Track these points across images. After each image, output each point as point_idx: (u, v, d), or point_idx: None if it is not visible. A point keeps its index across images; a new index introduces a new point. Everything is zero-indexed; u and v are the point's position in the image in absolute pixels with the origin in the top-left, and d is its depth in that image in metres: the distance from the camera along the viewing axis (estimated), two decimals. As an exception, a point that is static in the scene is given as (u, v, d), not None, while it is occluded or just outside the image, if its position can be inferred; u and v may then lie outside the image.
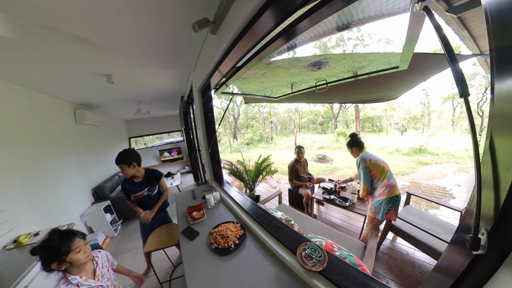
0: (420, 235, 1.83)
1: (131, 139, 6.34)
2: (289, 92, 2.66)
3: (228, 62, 1.33)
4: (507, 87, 0.39)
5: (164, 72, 2.45)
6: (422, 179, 5.91)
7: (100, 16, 1.14)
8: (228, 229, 1.35)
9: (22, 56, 1.51)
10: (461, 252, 0.52)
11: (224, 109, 9.80)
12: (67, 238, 0.95)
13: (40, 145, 2.37)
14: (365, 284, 0.79)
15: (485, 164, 0.45)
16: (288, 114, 25.10)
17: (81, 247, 1.00)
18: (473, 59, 7.36)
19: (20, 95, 2.12)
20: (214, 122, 2.45)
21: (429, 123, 20.59)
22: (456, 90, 2.30)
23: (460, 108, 19.15)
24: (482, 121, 13.90)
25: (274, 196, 3.00)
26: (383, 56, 1.72)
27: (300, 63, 1.91)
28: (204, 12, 1.18)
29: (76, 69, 1.92)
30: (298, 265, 0.92)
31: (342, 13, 1.00)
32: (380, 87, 2.33)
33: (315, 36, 1.30)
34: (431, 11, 0.61)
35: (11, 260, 1.44)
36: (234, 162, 3.98)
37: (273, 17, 0.80)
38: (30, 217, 2.01)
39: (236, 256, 1.16)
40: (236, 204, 1.72)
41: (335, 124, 21.66)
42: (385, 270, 1.94)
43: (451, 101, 19.36)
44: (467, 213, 0.53)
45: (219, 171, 2.55)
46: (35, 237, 1.69)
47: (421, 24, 0.95)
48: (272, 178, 5.84)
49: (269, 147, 17.12)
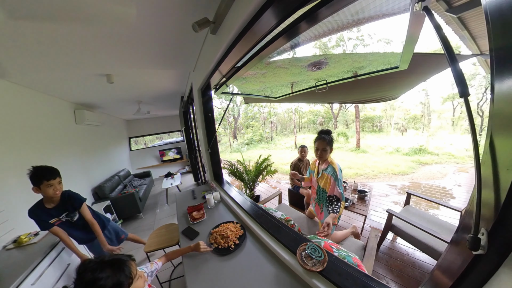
0: (420, 235, 1.83)
1: (131, 139, 6.34)
2: (289, 92, 2.66)
3: (228, 62, 1.33)
4: (507, 87, 0.39)
5: (164, 72, 2.45)
6: (422, 179, 5.91)
7: (100, 15, 1.14)
8: (228, 229, 1.35)
9: (22, 56, 1.51)
10: (461, 252, 0.52)
11: (224, 109, 9.80)
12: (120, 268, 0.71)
13: (40, 145, 2.37)
14: (365, 284, 0.79)
15: (485, 164, 0.45)
16: (288, 114, 25.10)
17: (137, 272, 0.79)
18: (473, 59, 7.36)
19: (20, 95, 2.12)
20: (214, 122, 2.45)
21: (429, 123, 20.59)
22: (456, 90, 2.30)
23: (460, 108, 19.15)
24: (482, 121, 13.90)
25: (274, 196, 3.00)
26: (383, 56, 1.72)
27: (300, 63, 1.91)
28: (204, 12, 1.18)
29: (76, 69, 1.92)
30: (298, 265, 0.92)
31: (342, 13, 1.00)
32: (380, 87, 2.33)
33: (315, 36, 1.30)
34: (431, 11, 0.61)
35: (11, 260, 1.44)
36: (234, 162, 3.98)
37: (273, 17, 0.80)
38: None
39: (236, 256, 1.16)
40: (236, 204, 1.72)
41: (335, 124, 21.66)
42: (385, 270, 1.94)
43: (451, 101, 19.36)
44: (467, 213, 0.53)
45: (219, 171, 2.55)
46: (35, 237, 1.69)
47: (421, 24, 0.95)
48: (272, 178, 5.84)
49: (269, 147, 17.11)
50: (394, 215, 2.00)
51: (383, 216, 2.85)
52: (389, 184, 5.05)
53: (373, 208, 3.36)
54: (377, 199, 3.82)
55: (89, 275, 0.64)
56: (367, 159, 9.47)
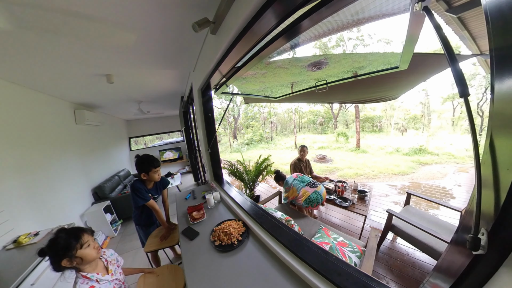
0: (420, 235, 1.83)
1: (131, 139, 6.34)
2: (289, 92, 2.66)
3: (228, 62, 1.33)
4: (507, 87, 0.39)
5: (164, 72, 2.45)
6: (422, 179, 5.90)
7: (100, 16, 1.14)
8: (231, 226, 1.37)
9: (22, 56, 1.51)
10: (461, 252, 0.52)
11: (224, 109, 9.80)
12: (75, 234, 0.95)
13: (40, 145, 2.37)
14: (365, 284, 0.79)
15: (485, 164, 0.45)
16: (288, 114, 25.10)
17: (90, 242, 0.99)
18: (473, 59, 7.36)
19: (20, 95, 2.12)
20: (214, 122, 2.45)
21: (429, 123, 20.58)
22: (456, 90, 2.30)
23: (460, 108, 19.14)
24: (482, 121, 13.90)
25: (274, 196, 3.00)
26: (383, 56, 1.72)
27: (300, 63, 1.91)
28: (204, 12, 1.18)
29: (76, 69, 1.92)
30: (299, 265, 0.92)
31: (342, 13, 1.00)
32: (380, 87, 2.33)
33: (315, 36, 1.30)
34: (431, 11, 0.61)
35: (11, 260, 1.44)
36: (234, 162, 3.98)
37: (273, 17, 0.80)
38: (30, 217, 2.01)
39: (237, 254, 1.16)
40: (236, 204, 1.72)
41: (335, 124, 21.66)
42: (385, 270, 1.94)
43: (451, 101, 19.35)
44: (467, 213, 0.53)
45: (219, 171, 2.55)
46: (35, 237, 1.69)
47: (421, 24, 0.95)
48: (272, 178, 5.83)
49: (269, 147, 17.11)
50: (394, 215, 2.00)
51: (383, 216, 2.85)
52: (389, 184, 5.05)
53: (373, 208, 3.36)
54: (377, 199, 3.82)
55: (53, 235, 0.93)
56: (367, 159, 9.46)
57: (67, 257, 0.90)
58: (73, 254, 0.91)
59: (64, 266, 0.91)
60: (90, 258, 0.97)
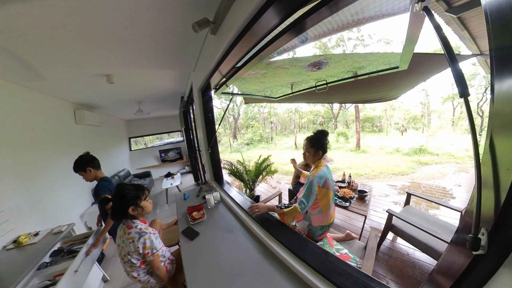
0: (420, 235, 1.82)
1: (131, 139, 6.34)
2: (289, 92, 2.66)
3: (228, 62, 1.33)
4: (507, 87, 0.39)
5: (164, 72, 2.45)
6: (422, 179, 5.90)
7: (100, 16, 1.14)
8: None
9: (22, 56, 1.51)
10: (461, 252, 0.52)
11: (224, 109, 9.80)
12: (140, 188, 1.17)
13: (40, 145, 2.37)
14: (365, 284, 0.79)
15: (485, 164, 0.45)
16: (288, 114, 25.09)
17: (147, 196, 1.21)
18: (473, 59, 7.36)
19: (20, 95, 2.12)
20: (214, 122, 2.45)
21: (429, 123, 20.58)
22: (456, 90, 2.30)
23: (460, 108, 19.13)
24: (482, 121, 13.89)
25: (274, 196, 3.00)
26: (383, 56, 1.72)
27: (300, 63, 1.91)
28: (204, 12, 1.18)
29: (76, 69, 1.92)
30: (299, 265, 0.92)
31: (342, 13, 1.00)
32: (380, 87, 2.33)
33: (315, 36, 1.30)
34: (431, 11, 0.61)
35: (11, 260, 1.44)
36: (234, 162, 3.98)
37: (273, 17, 0.80)
38: (30, 217, 2.01)
39: (237, 254, 1.16)
40: (236, 204, 1.72)
41: (335, 124, 21.65)
42: (385, 270, 1.94)
43: (451, 101, 19.34)
44: (467, 213, 0.53)
45: (219, 171, 2.55)
46: (35, 237, 1.69)
47: (421, 24, 0.95)
48: (272, 178, 5.83)
49: (269, 147, 17.11)
50: (394, 215, 2.00)
51: (383, 216, 2.85)
52: (389, 184, 5.05)
53: (373, 208, 3.36)
54: (377, 199, 3.82)
55: (122, 188, 1.12)
56: (367, 159, 9.46)
57: (133, 206, 1.10)
58: (137, 204, 1.11)
59: (129, 214, 1.10)
60: (148, 210, 1.19)
